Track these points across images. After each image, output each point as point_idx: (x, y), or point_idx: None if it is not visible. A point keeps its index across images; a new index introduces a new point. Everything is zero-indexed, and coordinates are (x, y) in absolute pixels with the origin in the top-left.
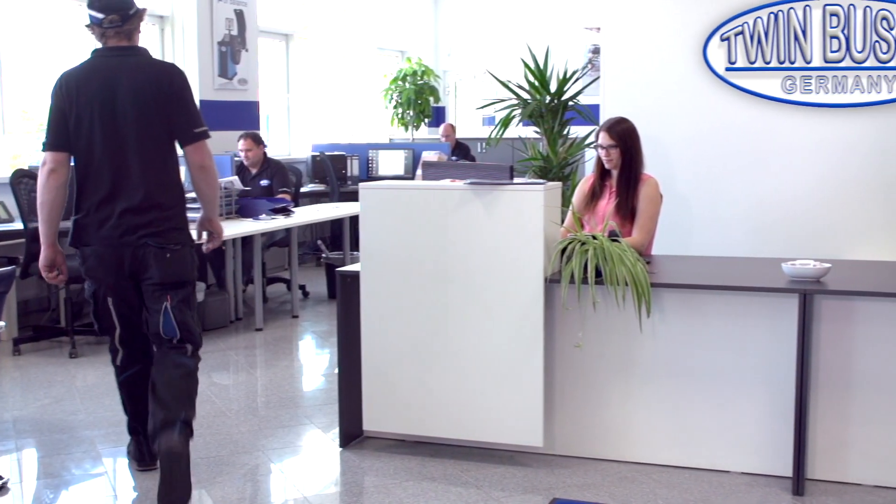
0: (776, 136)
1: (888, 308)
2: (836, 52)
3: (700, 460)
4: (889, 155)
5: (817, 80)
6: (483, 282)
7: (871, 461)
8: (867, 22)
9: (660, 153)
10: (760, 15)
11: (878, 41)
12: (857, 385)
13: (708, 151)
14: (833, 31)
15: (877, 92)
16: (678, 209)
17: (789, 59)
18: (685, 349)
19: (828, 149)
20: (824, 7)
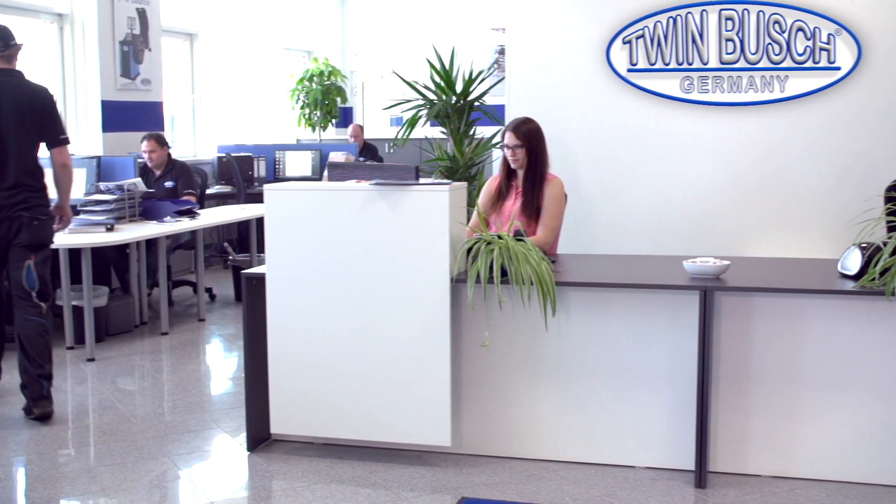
0: (676, 135)
1: (784, 303)
2: (731, 53)
3: (606, 456)
4: (783, 152)
5: (714, 80)
6: (389, 282)
7: (770, 453)
8: (760, 25)
9: (565, 153)
10: (660, 19)
11: (771, 43)
12: (756, 379)
13: (611, 151)
14: (728, 34)
15: (769, 91)
16: (583, 208)
17: (687, 60)
18: (590, 347)
19: (725, 147)
20: (720, 11)
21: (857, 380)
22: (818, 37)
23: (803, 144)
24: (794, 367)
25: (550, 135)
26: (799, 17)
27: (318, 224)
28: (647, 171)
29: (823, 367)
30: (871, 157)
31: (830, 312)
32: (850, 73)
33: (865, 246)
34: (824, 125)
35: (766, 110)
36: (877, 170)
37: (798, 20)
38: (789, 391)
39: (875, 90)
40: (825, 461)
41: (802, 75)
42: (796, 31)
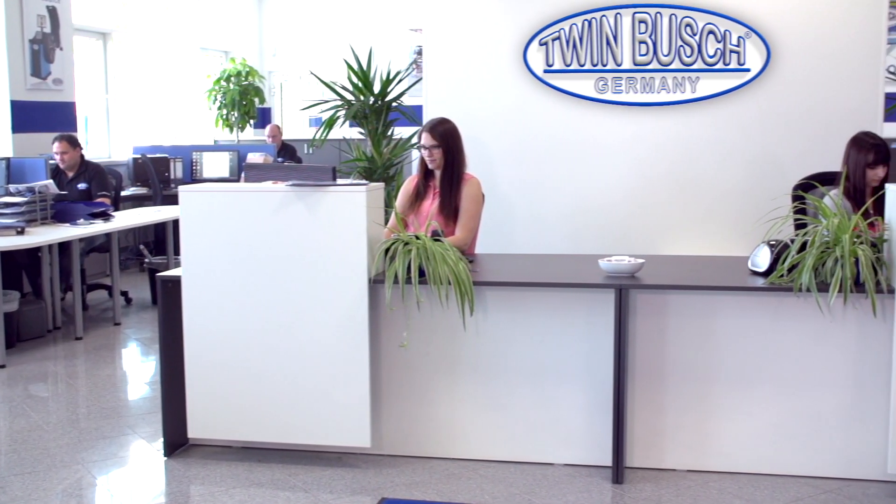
0: (592, 135)
1: (697, 300)
2: (644, 55)
3: (525, 454)
4: (695, 152)
5: (627, 81)
6: (307, 284)
7: (684, 447)
8: (673, 28)
9: (482, 153)
10: (575, 22)
11: (683, 45)
12: (671, 375)
13: (528, 151)
14: (641, 36)
15: (681, 92)
16: (500, 208)
17: (602, 61)
18: (508, 346)
19: (639, 146)
20: (633, 14)
21: (768, 374)
22: (728, 39)
23: (714, 144)
24: (708, 363)
25: (468, 135)
26: (710, 20)
27: (234, 226)
28: (563, 170)
29: (735, 362)
30: (780, 157)
31: (741, 308)
32: (760, 75)
33: (774, 243)
34: (734, 125)
35: (678, 110)
36: (785, 169)
37: (709, 23)
38: (703, 386)
39: (783, 91)
40: (738, 454)
41: (713, 76)
42: (707, 34)
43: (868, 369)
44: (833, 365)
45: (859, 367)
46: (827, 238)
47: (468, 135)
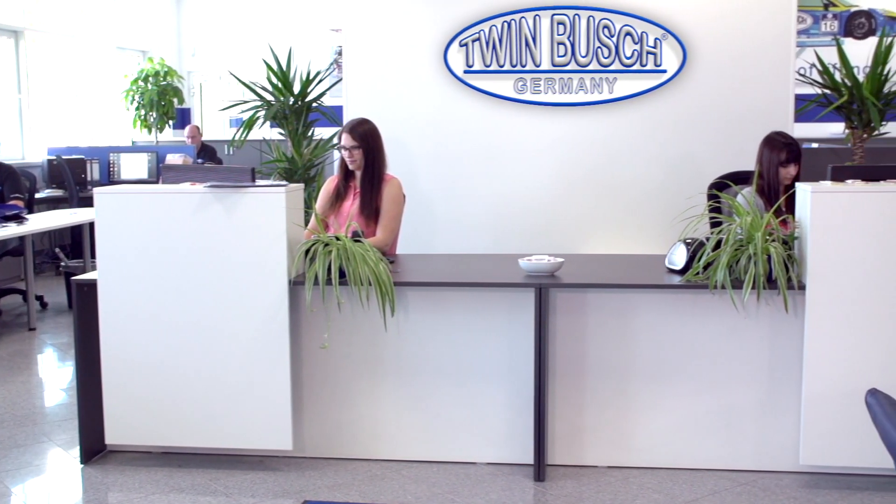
0: (511, 135)
1: (616, 298)
2: (562, 56)
3: (448, 454)
4: (613, 152)
5: (546, 82)
6: (226, 286)
7: (605, 444)
8: (591, 30)
9: (403, 153)
10: (495, 23)
11: (601, 47)
12: (591, 372)
13: (449, 151)
14: (560, 37)
15: (599, 92)
16: (421, 208)
17: (521, 62)
18: (430, 346)
19: (558, 146)
20: (552, 16)
21: (685, 370)
22: (645, 41)
23: (632, 144)
24: (626, 360)
25: (388, 135)
26: (627, 22)
27: (151, 228)
28: (484, 170)
29: (653, 358)
30: (696, 156)
31: (659, 306)
32: (676, 76)
33: (690, 242)
34: (651, 125)
35: (596, 111)
36: (701, 168)
37: (626, 25)
38: (622, 383)
39: (699, 92)
40: (656, 449)
41: (630, 77)
42: (625, 36)
43: (780, 364)
44: (747, 360)
45: (772, 362)
46: (741, 236)
47: (389, 135)
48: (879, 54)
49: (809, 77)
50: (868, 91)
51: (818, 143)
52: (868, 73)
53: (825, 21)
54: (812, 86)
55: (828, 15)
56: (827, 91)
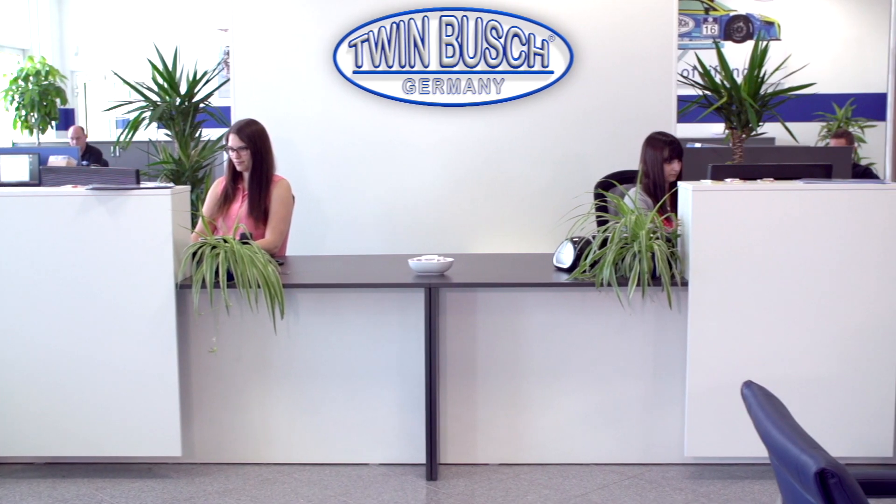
0: (401, 135)
1: (505, 297)
2: (451, 57)
3: (340, 456)
4: (502, 152)
5: (434, 82)
6: (111, 291)
7: (496, 442)
8: (479, 31)
9: (292, 154)
10: (384, 24)
11: (488, 48)
12: (481, 371)
13: (339, 152)
14: (448, 38)
15: (486, 93)
16: (312, 209)
17: (409, 63)
18: (321, 348)
19: (448, 147)
20: (441, 18)
21: (573, 366)
22: (533, 42)
23: (520, 144)
24: (516, 358)
25: (277, 136)
26: (515, 23)
27: (31, 232)
28: (374, 170)
29: (543, 356)
30: (583, 156)
31: (547, 304)
32: (563, 77)
33: (577, 240)
34: (539, 125)
35: (484, 111)
36: (588, 167)
37: (514, 26)
38: (512, 381)
39: (585, 92)
40: (547, 446)
41: (518, 78)
42: (512, 37)
43: (665, 359)
44: (634, 356)
45: (658, 357)
46: (626, 234)
47: (278, 136)
48: (756, 57)
49: (691, 79)
50: (746, 93)
51: (700, 142)
52: (746, 75)
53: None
54: (694, 87)
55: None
56: (707, 92)
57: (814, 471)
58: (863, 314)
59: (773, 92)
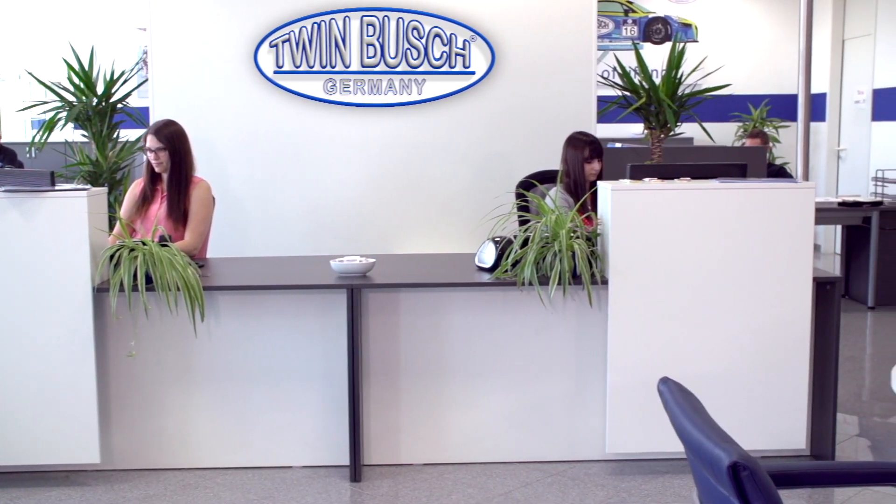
0: (322, 136)
1: (428, 297)
2: (372, 57)
3: (263, 459)
4: (423, 152)
5: (355, 83)
6: (25, 295)
7: (420, 442)
8: (400, 31)
9: (212, 155)
10: (305, 24)
11: (410, 48)
12: (405, 371)
13: (260, 153)
14: (370, 39)
15: (408, 94)
16: (233, 211)
17: (331, 63)
18: (242, 350)
19: (370, 147)
20: (362, 18)
21: (496, 366)
22: (454, 42)
23: (442, 144)
24: (440, 358)
25: (197, 137)
26: (436, 24)
27: None
28: (296, 171)
29: (466, 356)
30: (505, 156)
31: (470, 304)
32: (485, 77)
33: (499, 240)
34: (461, 126)
35: (405, 112)
36: (509, 167)
37: (435, 27)
38: (436, 381)
39: (507, 93)
40: (471, 445)
41: (439, 79)
42: (434, 37)
43: (587, 357)
44: (556, 354)
45: (579, 355)
46: (546, 234)
47: (198, 137)
48: (673, 59)
49: (611, 80)
50: (664, 93)
51: (621, 142)
52: (664, 76)
53: (626, 26)
54: (613, 88)
55: (628, 21)
56: (627, 93)
57: (726, 464)
58: (776, 309)
59: (690, 93)
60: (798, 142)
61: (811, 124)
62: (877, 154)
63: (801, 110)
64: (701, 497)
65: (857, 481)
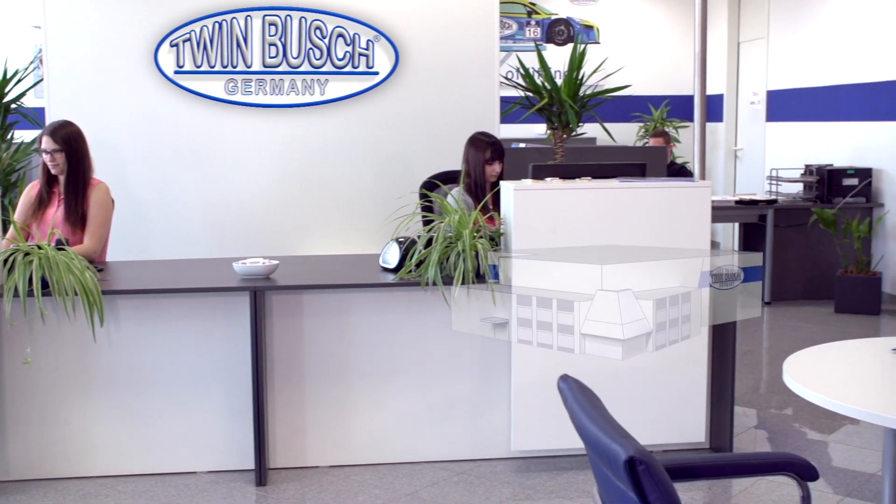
0: (224, 137)
1: (332, 299)
2: (274, 57)
3: (166, 465)
4: (327, 153)
5: (257, 83)
6: None
7: (326, 444)
8: (302, 31)
9: (112, 157)
10: (206, 23)
11: (312, 48)
12: (310, 374)
13: (161, 154)
14: (272, 38)
15: (310, 94)
16: (133, 213)
17: (232, 63)
18: (144, 355)
19: (272, 148)
20: (264, 17)
21: (402, 366)
22: (358, 42)
23: (346, 145)
24: (345, 360)
25: (96, 138)
26: (340, 23)
27: None
28: (198, 173)
29: (371, 357)
30: (409, 156)
31: (374, 305)
32: (388, 78)
33: (403, 240)
34: (365, 126)
35: (308, 112)
36: (413, 168)
37: (339, 26)
38: (341, 383)
39: (411, 93)
40: (377, 446)
41: (342, 79)
42: (337, 37)
43: (492, 355)
44: (461, 354)
45: (484, 354)
46: (450, 234)
47: (96, 138)
48: (575, 60)
49: (514, 80)
50: (566, 94)
51: (525, 142)
52: (565, 77)
53: (529, 28)
54: (516, 89)
55: (531, 22)
56: (529, 94)
57: (623, 459)
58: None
59: (591, 93)
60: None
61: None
62: (771, 154)
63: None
64: (601, 492)
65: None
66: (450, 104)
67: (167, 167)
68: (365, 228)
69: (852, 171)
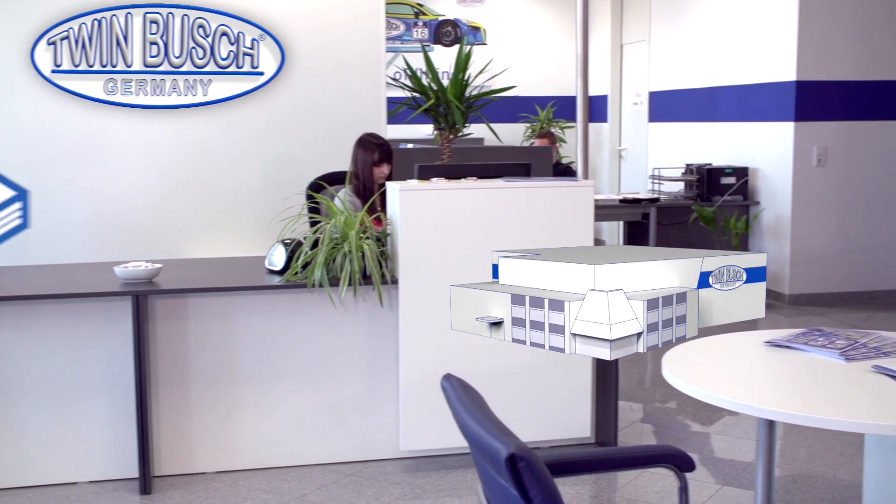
0: (104, 138)
1: (217, 302)
2: (155, 56)
3: (45, 477)
4: (211, 155)
5: (137, 83)
6: None
7: (213, 449)
8: (185, 29)
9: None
10: (85, 21)
11: (195, 47)
12: (195, 378)
13: (39, 156)
14: (153, 37)
15: (193, 95)
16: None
17: (111, 62)
18: (21, 363)
19: (154, 150)
20: (145, 15)
21: (289, 369)
22: (242, 42)
23: (231, 146)
24: (231, 363)
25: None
26: (224, 21)
27: None
28: (78, 175)
29: (257, 360)
30: (295, 157)
31: (260, 307)
32: (274, 78)
33: (289, 242)
34: (250, 127)
35: (190, 113)
36: (299, 169)
37: (223, 25)
38: (227, 387)
39: (297, 94)
40: (265, 450)
41: (226, 79)
42: (220, 36)
43: (380, 356)
44: (349, 355)
45: (372, 355)
46: (336, 235)
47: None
48: (460, 61)
49: (402, 81)
50: (452, 95)
51: (413, 143)
52: (451, 78)
53: (416, 28)
54: (403, 89)
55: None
56: (416, 94)
57: (504, 456)
58: None
59: (477, 94)
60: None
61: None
62: (653, 153)
63: (579, 112)
64: (485, 490)
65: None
66: (336, 105)
67: (46, 170)
68: (251, 230)
69: (730, 170)
